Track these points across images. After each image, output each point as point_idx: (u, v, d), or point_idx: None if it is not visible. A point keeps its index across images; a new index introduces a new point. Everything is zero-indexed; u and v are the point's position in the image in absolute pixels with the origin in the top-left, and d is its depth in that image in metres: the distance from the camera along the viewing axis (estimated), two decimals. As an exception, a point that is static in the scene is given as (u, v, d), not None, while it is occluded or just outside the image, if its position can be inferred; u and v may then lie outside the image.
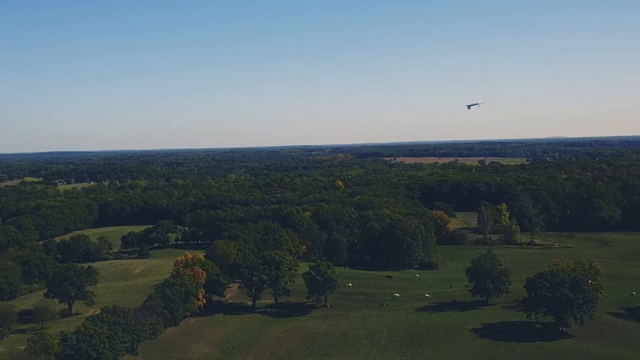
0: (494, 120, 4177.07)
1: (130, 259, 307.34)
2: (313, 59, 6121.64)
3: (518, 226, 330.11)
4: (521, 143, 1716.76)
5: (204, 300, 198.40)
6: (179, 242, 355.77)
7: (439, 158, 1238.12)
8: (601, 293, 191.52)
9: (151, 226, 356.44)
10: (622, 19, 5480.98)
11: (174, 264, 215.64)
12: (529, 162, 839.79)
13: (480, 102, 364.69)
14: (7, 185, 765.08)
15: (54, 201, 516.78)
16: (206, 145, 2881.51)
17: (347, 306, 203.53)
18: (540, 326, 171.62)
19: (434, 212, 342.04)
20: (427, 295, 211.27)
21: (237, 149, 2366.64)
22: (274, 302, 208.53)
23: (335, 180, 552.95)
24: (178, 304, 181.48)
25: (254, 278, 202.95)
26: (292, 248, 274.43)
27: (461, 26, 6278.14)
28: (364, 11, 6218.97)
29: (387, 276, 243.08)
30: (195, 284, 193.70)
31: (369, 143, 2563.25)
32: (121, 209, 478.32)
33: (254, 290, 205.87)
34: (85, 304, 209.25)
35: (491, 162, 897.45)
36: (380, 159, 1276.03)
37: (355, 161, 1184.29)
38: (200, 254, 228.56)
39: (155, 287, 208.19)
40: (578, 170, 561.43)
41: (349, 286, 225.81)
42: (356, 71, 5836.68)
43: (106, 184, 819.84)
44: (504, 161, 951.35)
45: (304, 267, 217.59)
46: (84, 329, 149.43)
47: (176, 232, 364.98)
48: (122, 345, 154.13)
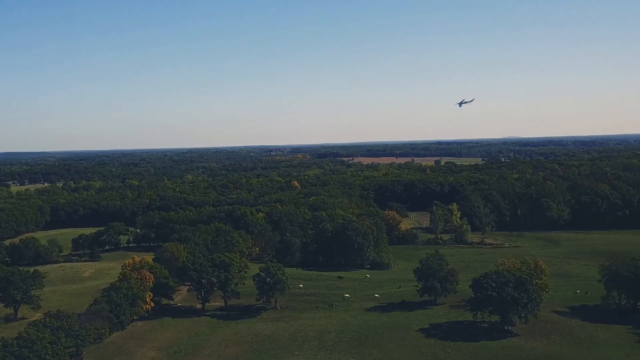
0: (451, 120, 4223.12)
1: (80, 261, 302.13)
2: (273, 59, 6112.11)
3: (469, 226, 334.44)
4: (477, 143, 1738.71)
5: (152, 304, 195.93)
6: (131, 245, 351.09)
7: (396, 158, 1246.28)
8: (546, 292, 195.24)
9: (102, 228, 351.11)
10: (576, 20, 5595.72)
11: (122, 268, 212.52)
12: (483, 162, 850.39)
13: (469, 99, 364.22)
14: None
15: (4, 203, 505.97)
16: (164, 145, 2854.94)
17: (297, 307, 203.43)
18: (486, 325, 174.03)
19: (387, 212, 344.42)
20: (376, 295, 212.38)
21: (195, 149, 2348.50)
22: (223, 304, 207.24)
23: (292, 181, 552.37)
24: (124, 308, 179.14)
25: (203, 281, 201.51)
26: (244, 249, 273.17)
27: (416, 28, 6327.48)
28: (321, 11, 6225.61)
29: (338, 277, 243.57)
30: (142, 287, 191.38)
31: (328, 143, 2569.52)
32: (74, 210, 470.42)
33: (203, 293, 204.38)
34: (32, 308, 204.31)
35: (446, 162, 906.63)
36: (339, 159, 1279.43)
37: (313, 161, 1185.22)
38: (149, 257, 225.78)
39: (102, 291, 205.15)
40: (530, 170, 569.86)
41: (299, 287, 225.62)
42: (317, 72, 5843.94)
43: (60, 185, 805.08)
44: (459, 161, 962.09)
45: (257, 269, 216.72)
46: (25, 335, 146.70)
47: (128, 234, 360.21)
48: (66, 351, 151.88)
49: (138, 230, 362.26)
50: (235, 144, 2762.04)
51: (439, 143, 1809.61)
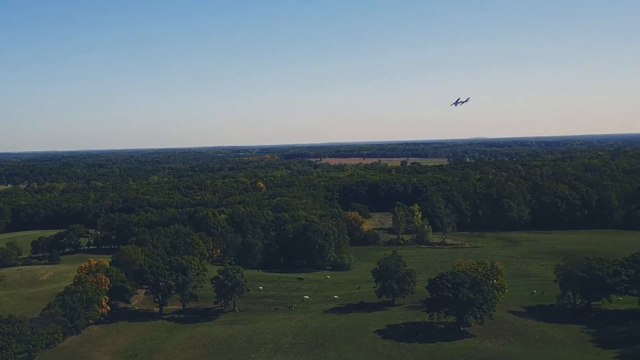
0: (418, 121, 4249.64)
1: (39, 264, 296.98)
2: (243, 58, 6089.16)
3: (430, 226, 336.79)
4: (443, 144, 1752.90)
5: (108, 308, 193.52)
6: (91, 247, 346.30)
7: (364, 159, 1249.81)
8: (503, 292, 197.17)
9: (62, 230, 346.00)
10: (542, 21, 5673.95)
11: (77, 271, 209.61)
12: (447, 163, 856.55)
13: (464, 99, 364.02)
14: None
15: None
16: (132, 146, 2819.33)
17: (256, 310, 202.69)
18: (442, 326, 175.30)
19: (349, 213, 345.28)
20: (336, 297, 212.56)
21: (163, 149, 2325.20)
22: (181, 307, 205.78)
23: (257, 182, 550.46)
24: (79, 312, 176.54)
25: (160, 284, 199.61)
26: (205, 252, 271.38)
27: (383, 27, 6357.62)
28: (287, 11, 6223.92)
29: (299, 278, 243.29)
30: (98, 291, 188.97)
31: (297, 144, 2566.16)
32: (35, 212, 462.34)
33: (160, 297, 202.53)
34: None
35: (412, 163, 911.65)
36: (307, 160, 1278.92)
37: (281, 162, 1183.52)
38: (105, 260, 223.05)
39: (57, 295, 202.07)
40: (493, 171, 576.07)
41: (259, 289, 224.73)
42: (285, 72, 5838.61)
43: (23, 186, 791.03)
44: (425, 162, 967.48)
45: (217, 272, 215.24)
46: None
47: (88, 237, 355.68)
48: (17, 356, 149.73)
49: (99, 233, 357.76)
50: (204, 144, 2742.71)
51: (406, 144, 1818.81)
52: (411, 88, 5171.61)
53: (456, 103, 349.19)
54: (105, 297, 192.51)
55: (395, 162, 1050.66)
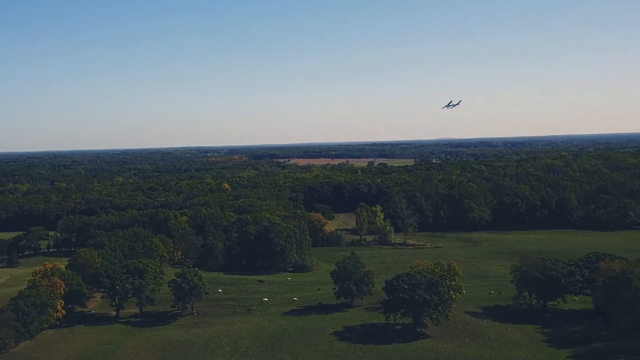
0: (386, 122, 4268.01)
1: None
2: (211, 58, 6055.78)
3: (392, 227, 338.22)
4: (410, 144, 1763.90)
5: (64, 312, 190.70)
6: (51, 250, 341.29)
7: (332, 159, 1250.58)
8: (460, 293, 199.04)
9: (22, 233, 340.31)
10: (512, 25, 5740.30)
11: (32, 275, 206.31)
12: (413, 164, 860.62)
13: (456, 101, 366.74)
14: None
15: None
16: (98, 146, 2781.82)
17: (214, 313, 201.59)
18: (399, 327, 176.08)
19: (312, 214, 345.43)
20: (295, 298, 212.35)
21: (129, 150, 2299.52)
22: (139, 311, 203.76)
23: (222, 183, 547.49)
24: (33, 317, 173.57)
25: (117, 287, 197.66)
26: (165, 254, 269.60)
27: (346, 25, 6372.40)
28: (253, 10, 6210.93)
29: (259, 280, 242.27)
30: (52, 295, 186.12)
31: (265, 144, 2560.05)
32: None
33: (117, 300, 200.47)
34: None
35: (379, 164, 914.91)
36: (275, 160, 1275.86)
37: (249, 163, 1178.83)
38: (61, 264, 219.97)
39: (10, 300, 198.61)
40: (457, 172, 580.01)
41: (218, 292, 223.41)
42: (254, 72, 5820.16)
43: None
44: (392, 162, 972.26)
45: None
46: None
47: (48, 239, 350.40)
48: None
49: (59, 235, 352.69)
50: (172, 145, 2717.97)
51: (374, 144, 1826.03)
52: (379, 89, 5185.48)
53: (448, 105, 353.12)
54: (61, 301, 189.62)
55: (363, 162, 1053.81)
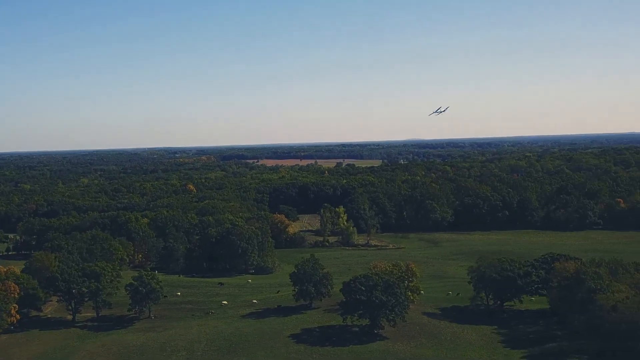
0: (355, 122, 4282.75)
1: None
2: (179, 58, 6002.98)
3: (355, 228, 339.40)
4: (379, 145, 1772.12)
5: (18, 316, 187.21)
6: (10, 253, 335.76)
7: (300, 160, 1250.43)
8: (418, 294, 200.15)
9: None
10: (478, 24, 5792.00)
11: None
12: (379, 165, 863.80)
13: (443, 108, 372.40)
14: None
15: None
16: (65, 147, 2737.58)
17: (172, 316, 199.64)
18: (357, 329, 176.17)
19: (276, 215, 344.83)
20: (254, 301, 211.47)
21: (97, 151, 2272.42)
22: (95, 315, 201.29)
23: (187, 185, 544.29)
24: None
25: (73, 291, 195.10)
26: (125, 257, 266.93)
27: (312, 25, 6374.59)
28: (222, 10, 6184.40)
29: (219, 283, 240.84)
30: (6, 299, 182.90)
31: (235, 145, 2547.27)
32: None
33: (73, 304, 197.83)
34: None
35: (347, 164, 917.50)
36: (243, 161, 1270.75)
37: (217, 164, 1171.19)
38: (16, 267, 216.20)
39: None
40: (422, 172, 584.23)
41: (177, 295, 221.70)
42: (224, 72, 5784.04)
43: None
44: (360, 163, 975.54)
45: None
46: None
47: (7, 242, 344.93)
48: None
49: (18, 238, 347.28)
50: (140, 145, 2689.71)
51: (343, 145, 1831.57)
52: (348, 90, 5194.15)
53: (436, 112, 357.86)
54: (15, 305, 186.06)
55: (332, 163, 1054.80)
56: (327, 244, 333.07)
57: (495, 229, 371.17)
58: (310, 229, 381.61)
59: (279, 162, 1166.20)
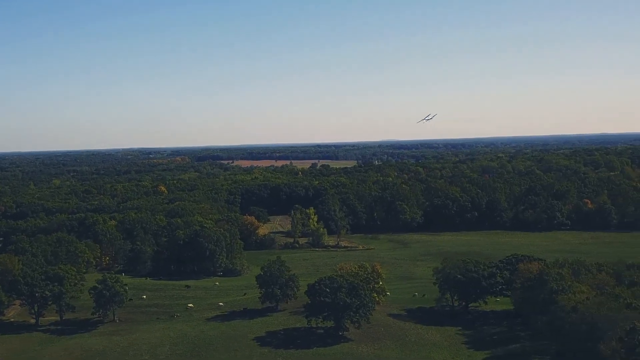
0: (331, 123, 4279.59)
1: None
2: (156, 58, 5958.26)
3: (325, 229, 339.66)
4: (354, 146, 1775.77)
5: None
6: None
7: (276, 161, 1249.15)
8: (384, 295, 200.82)
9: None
10: (446, 26, 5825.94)
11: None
12: (353, 166, 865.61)
13: (432, 115, 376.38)
14: None
15: None
16: (38, 148, 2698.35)
17: (136, 320, 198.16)
18: (322, 331, 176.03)
19: (246, 217, 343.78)
20: (221, 304, 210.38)
21: (71, 152, 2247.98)
22: (59, 319, 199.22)
23: (158, 186, 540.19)
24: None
25: (36, 295, 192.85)
26: (92, 260, 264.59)
27: (290, 27, 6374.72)
28: (194, 12, 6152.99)
29: (186, 286, 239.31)
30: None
31: (210, 146, 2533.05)
32: None
33: (36, 308, 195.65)
34: None
35: (322, 165, 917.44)
36: (218, 162, 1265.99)
37: (191, 164, 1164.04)
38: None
39: None
40: (395, 173, 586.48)
41: (143, 298, 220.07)
42: (199, 72, 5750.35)
43: None
44: (335, 164, 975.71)
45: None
46: None
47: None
48: None
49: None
50: (114, 146, 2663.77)
51: (319, 146, 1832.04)
52: (323, 90, 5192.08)
53: (425, 119, 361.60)
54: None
55: (307, 164, 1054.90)
56: (297, 245, 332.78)
57: (464, 229, 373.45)
58: (282, 230, 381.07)
59: (254, 163, 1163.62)
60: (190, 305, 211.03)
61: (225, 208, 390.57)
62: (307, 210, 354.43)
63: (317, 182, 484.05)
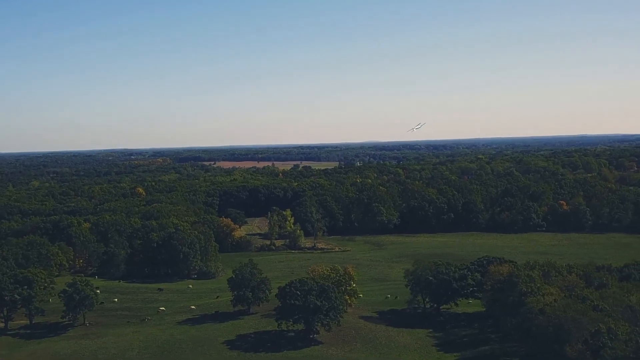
0: (314, 124, 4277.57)
1: None
2: (137, 58, 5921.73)
3: (302, 231, 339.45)
4: (336, 147, 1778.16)
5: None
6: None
7: (258, 162, 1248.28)
8: (356, 298, 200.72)
9: None
10: (431, 25, 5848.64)
11: None
12: (333, 167, 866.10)
13: (420, 124, 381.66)
14: None
15: None
16: (18, 149, 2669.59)
17: (107, 323, 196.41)
18: (292, 334, 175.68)
19: (222, 219, 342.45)
20: (193, 307, 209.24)
21: (52, 153, 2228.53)
22: (29, 322, 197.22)
23: (136, 188, 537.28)
24: None
25: (5, 298, 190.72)
26: (65, 263, 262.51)
27: (270, 26, 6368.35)
28: (178, 14, 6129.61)
29: (159, 289, 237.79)
30: None
31: (192, 147, 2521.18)
32: None
33: (5, 311, 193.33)
34: None
35: (304, 166, 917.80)
36: (200, 163, 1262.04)
37: (172, 166, 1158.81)
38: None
39: None
40: (375, 175, 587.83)
41: (114, 301, 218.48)
42: (182, 74, 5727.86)
43: None
44: (317, 165, 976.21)
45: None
46: None
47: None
48: None
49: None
50: (96, 147, 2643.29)
51: (301, 147, 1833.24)
52: (307, 90, 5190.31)
53: (415, 128, 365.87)
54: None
55: (289, 165, 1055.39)
56: (274, 247, 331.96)
57: (440, 231, 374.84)
58: (260, 232, 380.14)
59: (236, 164, 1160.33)
60: (162, 308, 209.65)
61: (202, 210, 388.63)
62: (284, 212, 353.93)
63: (296, 184, 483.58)
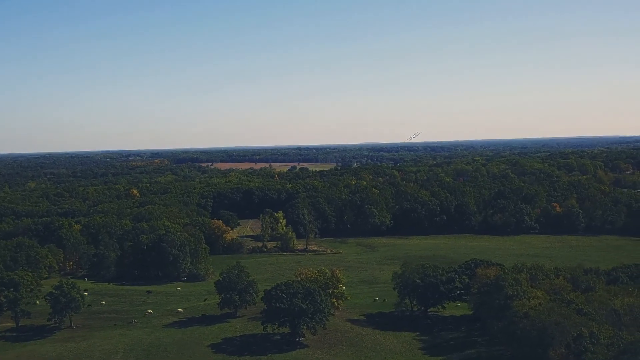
0: (313, 126, 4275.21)
1: None
2: (134, 59, 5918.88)
3: (294, 233, 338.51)
4: (334, 149, 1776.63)
5: None
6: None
7: (255, 164, 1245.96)
8: (344, 300, 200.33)
9: None
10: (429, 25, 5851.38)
11: None
12: (329, 169, 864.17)
13: (417, 133, 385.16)
14: None
15: None
16: (17, 150, 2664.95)
17: (94, 326, 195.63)
18: (278, 337, 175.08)
19: (213, 221, 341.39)
20: (180, 310, 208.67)
21: (49, 154, 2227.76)
22: (15, 325, 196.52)
23: (131, 189, 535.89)
24: None
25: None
26: (54, 265, 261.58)
27: (262, 26, 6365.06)
28: (173, 14, 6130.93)
29: (147, 291, 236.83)
30: None
31: (191, 148, 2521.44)
32: None
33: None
34: None
35: (301, 168, 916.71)
36: (197, 164, 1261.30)
37: (169, 167, 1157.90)
38: None
39: None
40: (370, 177, 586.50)
41: (102, 304, 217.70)
42: (181, 74, 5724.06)
43: None
44: (314, 167, 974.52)
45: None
46: None
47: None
48: None
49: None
50: (94, 148, 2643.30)
51: (299, 149, 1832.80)
52: (306, 91, 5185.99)
53: (412, 137, 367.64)
54: None
55: (286, 167, 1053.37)
56: (265, 249, 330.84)
57: (433, 233, 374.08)
58: (253, 234, 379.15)
59: (233, 166, 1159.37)
60: (149, 311, 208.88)
61: (194, 212, 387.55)
62: (276, 214, 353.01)
63: (290, 186, 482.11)
